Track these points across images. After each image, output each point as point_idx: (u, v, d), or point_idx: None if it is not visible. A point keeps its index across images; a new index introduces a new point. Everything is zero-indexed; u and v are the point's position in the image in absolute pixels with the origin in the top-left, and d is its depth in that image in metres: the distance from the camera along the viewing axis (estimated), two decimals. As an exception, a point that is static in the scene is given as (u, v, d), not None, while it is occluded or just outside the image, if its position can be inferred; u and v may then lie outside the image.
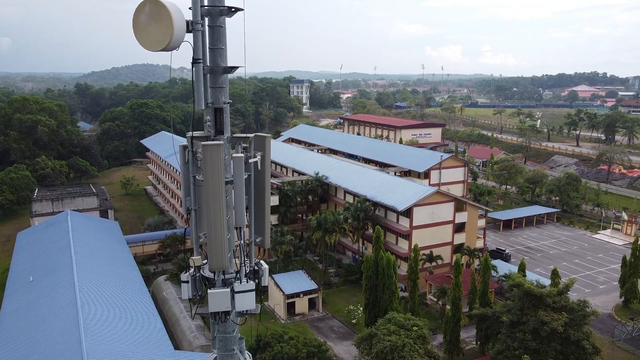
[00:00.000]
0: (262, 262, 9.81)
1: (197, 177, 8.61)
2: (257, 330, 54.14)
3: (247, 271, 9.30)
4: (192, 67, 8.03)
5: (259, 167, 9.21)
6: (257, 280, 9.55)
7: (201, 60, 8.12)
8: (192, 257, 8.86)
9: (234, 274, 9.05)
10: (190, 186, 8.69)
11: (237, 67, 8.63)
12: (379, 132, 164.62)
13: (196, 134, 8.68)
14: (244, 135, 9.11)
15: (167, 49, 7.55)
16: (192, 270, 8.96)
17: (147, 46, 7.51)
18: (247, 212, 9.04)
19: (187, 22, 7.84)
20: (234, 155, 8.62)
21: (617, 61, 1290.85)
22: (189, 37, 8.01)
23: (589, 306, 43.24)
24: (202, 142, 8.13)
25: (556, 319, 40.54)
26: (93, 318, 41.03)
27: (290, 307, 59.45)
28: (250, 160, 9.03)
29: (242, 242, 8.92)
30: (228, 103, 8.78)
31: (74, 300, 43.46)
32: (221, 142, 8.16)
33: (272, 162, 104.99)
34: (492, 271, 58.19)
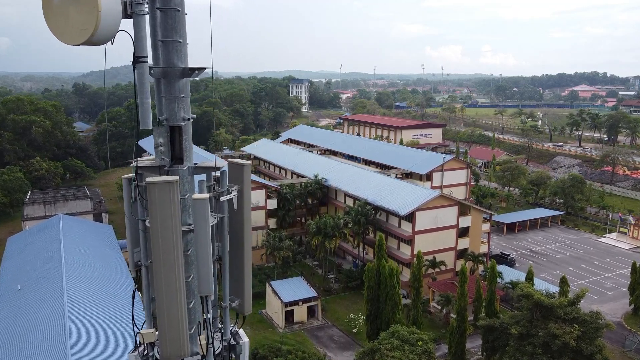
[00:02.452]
0: (241, 332, 7.53)
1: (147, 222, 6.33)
2: (254, 341, 52.32)
3: (218, 351, 6.97)
4: (134, 68, 5.80)
5: (235, 207, 6.94)
6: None
7: (146, 59, 5.91)
8: (142, 332, 6.52)
9: (200, 358, 6.69)
10: (140, 234, 6.42)
11: (203, 68, 6.32)
12: (379, 132, 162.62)
13: (145, 161, 6.46)
14: (212, 165, 6.72)
15: (94, 41, 5.26)
16: (142, 348, 6.68)
17: (63, 37, 5.25)
18: (219, 265, 6.88)
19: (124, 2, 5.60)
20: (194, 196, 6.30)
21: (618, 61, 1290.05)
22: (128, 24, 5.75)
23: (602, 318, 41.25)
24: (148, 178, 5.88)
25: (568, 332, 38.56)
26: (81, 330, 39.08)
27: (289, 316, 57.48)
28: (222, 198, 6.79)
29: (208, 315, 6.66)
30: (190, 119, 6.51)
31: (62, 311, 41.49)
32: (174, 178, 5.87)
33: (271, 163, 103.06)
34: (498, 278, 56.28)
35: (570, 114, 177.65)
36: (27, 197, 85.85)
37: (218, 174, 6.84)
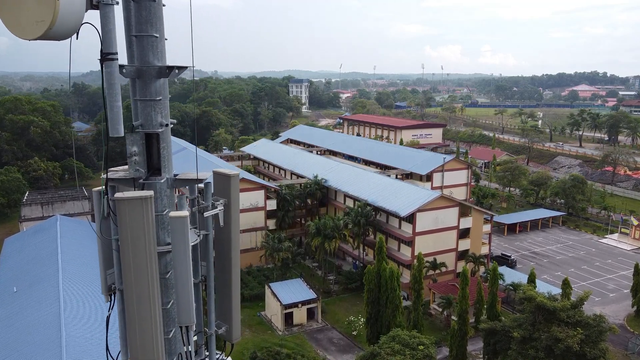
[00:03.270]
0: None
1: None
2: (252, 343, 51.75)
3: None
4: (101, 66, 5.10)
5: (222, 223, 6.25)
6: None
7: (115, 56, 5.17)
8: None
9: None
10: (114, 254, 5.67)
11: (184, 67, 5.63)
12: (379, 132, 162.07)
13: (118, 172, 5.75)
14: (194, 178, 5.99)
15: (53, 36, 4.54)
16: None
17: (17, 31, 4.50)
18: (204, 288, 6.22)
19: None
20: (171, 214, 5.55)
21: (617, 61, 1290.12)
22: (93, 16, 5.02)
23: (606, 321, 40.68)
24: (117, 194, 5.21)
25: (571, 335, 37.98)
26: (77, 332, 38.50)
27: (288, 318, 56.88)
28: (206, 214, 6.11)
29: (188, 347, 5.93)
30: (168, 125, 5.81)
31: (58, 313, 40.95)
32: (147, 193, 5.18)
33: (270, 164, 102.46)
34: (499, 280, 55.70)
35: (571, 114, 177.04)
36: (25, 197, 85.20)
37: (202, 185, 6.19)
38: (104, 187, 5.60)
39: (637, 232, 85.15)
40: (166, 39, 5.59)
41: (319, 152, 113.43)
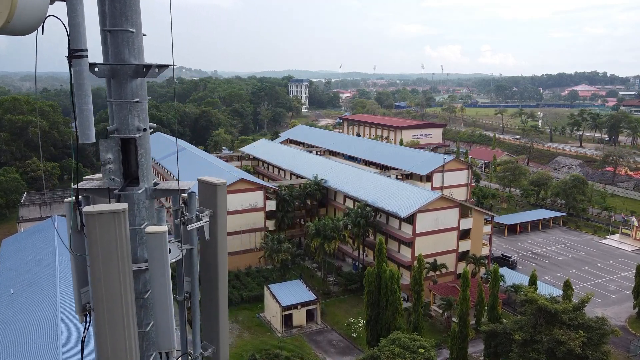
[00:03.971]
0: None
1: None
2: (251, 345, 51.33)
3: None
4: (69, 64, 4.61)
5: (207, 236, 5.75)
6: None
7: (85, 53, 4.68)
8: None
9: None
10: (88, 271, 5.09)
11: (165, 65, 5.11)
12: (379, 132, 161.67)
13: (94, 180, 5.28)
14: (175, 188, 5.40)
15: (13, 30, 3.99)
16: None
17: None
18: (187, 306, 5.72)
19: None
20: (148, 230, 5.03)
21: (617, 61, 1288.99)
22: (59, 7, 4.50)
23: (608, 324, 40.27)
24: (86, 208, 4.67)
25: (573, 338, 37.59)
26: (73, 335, 38.08)
27: (287, 320, 56.45)
28: (189, 227, 5.59)
29: None
30: (147, 129, 5.30)
31: (55, 315, 40.56)
32: (120, 207, 4.61)
33: (270, 164, 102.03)
34: (500, 281, 55.29)
35: (571, 114, 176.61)
36: (23, 198, 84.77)
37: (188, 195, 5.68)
38: (73, 197, 5.14)
39: (638, 233, 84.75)
40: (144, 35, 5.09)
41: (318, 153, 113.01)
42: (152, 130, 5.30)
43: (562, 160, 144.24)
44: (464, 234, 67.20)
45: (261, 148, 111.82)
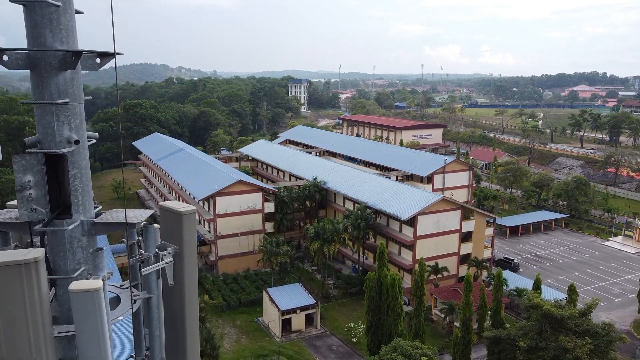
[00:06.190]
0: None
1: None
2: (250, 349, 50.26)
3: None
4: None
5: (170, 281, 4.39)
6: None
7: None
8: None
9: None
10: None
11: (109, 53, 3.84)
12: (379, 133, 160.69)
13: (11, 211, 4.05)
14: (122, 221, 4.20)
15: None
16: None
17: None
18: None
19: None
20: (71, 287, 3.62)
21: (617, 61, 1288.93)
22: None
23: (615, 330, 39.28)
24: None
25: (580, 345, 36.57)
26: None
27: (286, 324, 55.40)
28: (144, 271, 4.30)
29: None
30: (81, 141, 3.99)
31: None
32: (33, 255, 3.36)
33: (269, 165, 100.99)
34: (503, 285, 54.29)
35: (572, 115, 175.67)
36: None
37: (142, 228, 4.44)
38: None
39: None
40: (81, 13, 3.81)
41: (318, 153, 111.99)
42: (93, 141, 4.08)
43: (563, 161, 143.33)
44: (466, 237, 66.19)
45: (260, 149, 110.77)
